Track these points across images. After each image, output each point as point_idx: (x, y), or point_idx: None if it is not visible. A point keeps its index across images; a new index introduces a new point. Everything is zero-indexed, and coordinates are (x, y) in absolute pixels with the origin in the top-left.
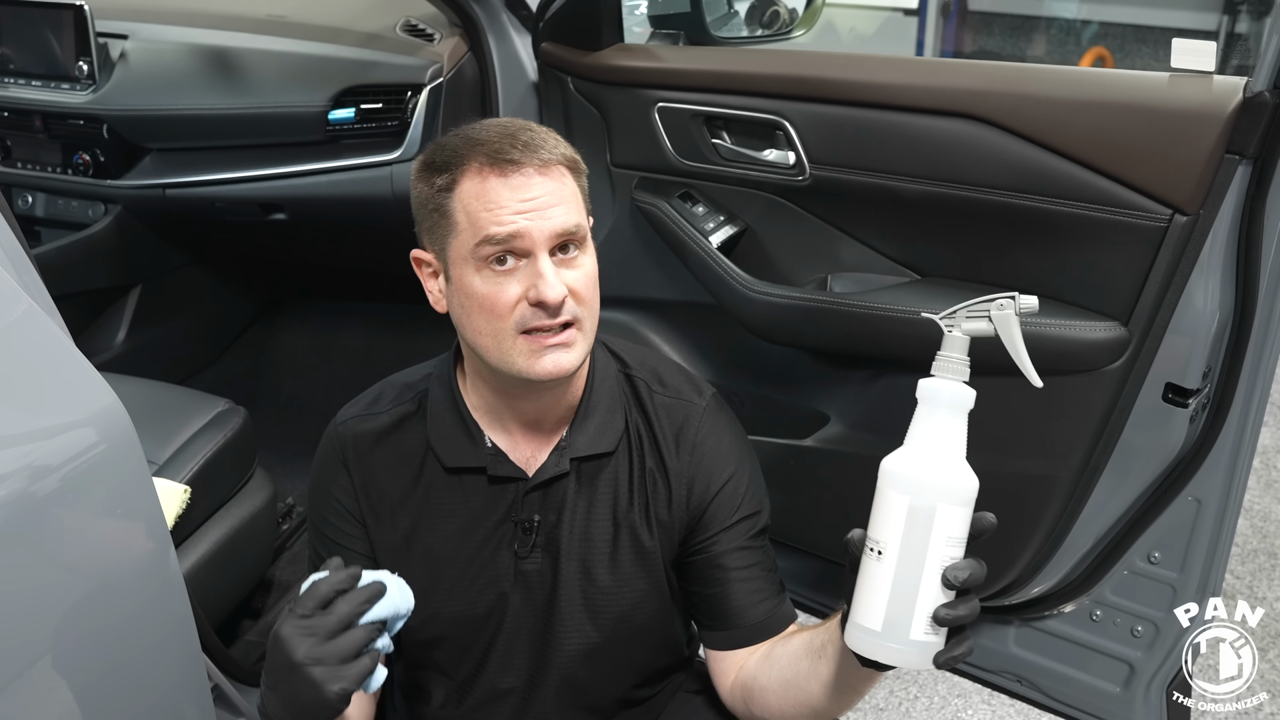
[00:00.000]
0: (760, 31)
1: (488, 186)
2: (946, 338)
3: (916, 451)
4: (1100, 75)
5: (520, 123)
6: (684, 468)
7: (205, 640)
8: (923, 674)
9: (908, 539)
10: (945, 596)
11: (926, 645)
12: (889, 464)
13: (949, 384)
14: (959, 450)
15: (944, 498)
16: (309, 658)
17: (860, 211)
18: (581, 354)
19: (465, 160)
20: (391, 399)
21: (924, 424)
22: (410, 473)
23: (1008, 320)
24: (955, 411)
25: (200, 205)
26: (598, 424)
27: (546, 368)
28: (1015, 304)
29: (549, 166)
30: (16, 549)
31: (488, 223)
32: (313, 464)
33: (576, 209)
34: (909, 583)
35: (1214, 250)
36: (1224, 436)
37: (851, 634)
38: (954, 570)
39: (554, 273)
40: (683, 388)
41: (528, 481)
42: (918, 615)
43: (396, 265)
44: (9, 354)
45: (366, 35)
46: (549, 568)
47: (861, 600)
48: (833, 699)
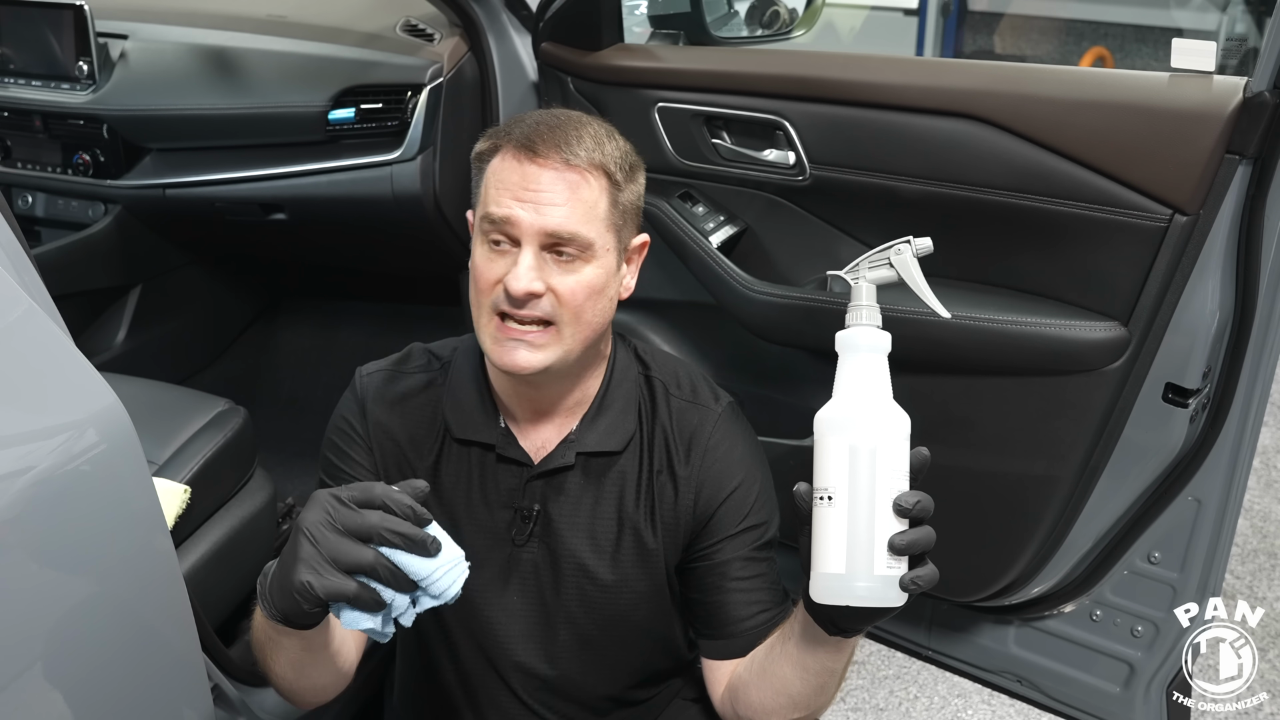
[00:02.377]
0: (760, 31)
1: (505, 166)
2: (854, 288)
3: (847, 397)
4: (1100, 75)
5: (576, 118)
6: (694, 473)
7: (205, 640)
8: (923, 674)
9: (854, 478)
10: (900, 526)
11: (889, 578)
12: (824, 414)
13: (864, 330)
14: (886, 390)
15: (881, 433)
16: (310, 532)
17: (860, 211)
18: (549, 358)
19: (506, 137)
20: (419, 363)
21: (849, 371)
22: (426, 437)
23: (907, 263)
24: (875, 354)
25: (200, 205)
26: (609, 422)
27: (504, 358)
28: (911, 247)
29: (571, 167)
30: (16, 549)
31: (491, 201)
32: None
33: (585, 216)
34: (864, 519)
35: (1214, 250)
36: (1224, 436)
37: (817, 586)
38: (904, 498)
39: (530, 267)
40: (700, 392)
41: (532, 468)
42: (877, 549)
43: (396, 265)
44: (9, 354)
45: (366, 35)
46: (545, 558)
47: (821, 548)
48: (806, 681)
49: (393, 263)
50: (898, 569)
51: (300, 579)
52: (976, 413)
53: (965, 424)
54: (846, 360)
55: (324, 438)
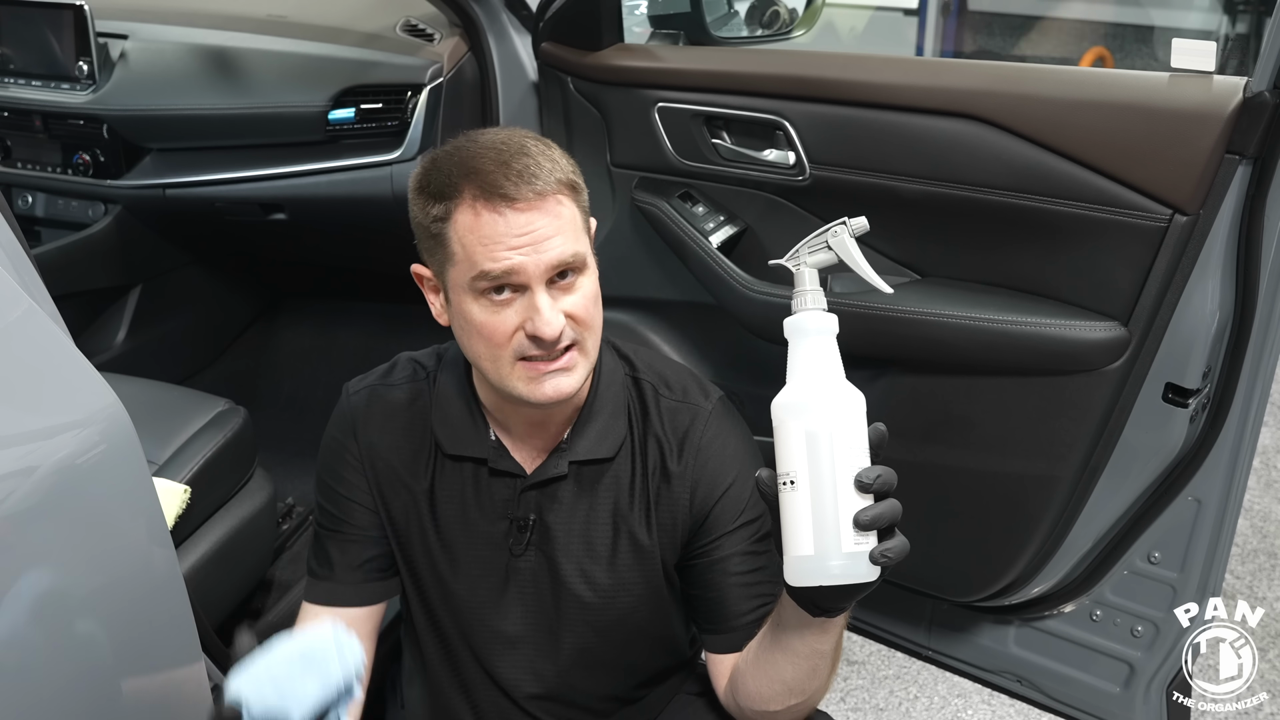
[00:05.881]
0: (760, 31)
1: (481, 221)
2: (797, 274)
3: (800, 381)
4: (1100, 75)
5: (516, 144)
6: (688, 472)
7: (205, 640)
8: (923, 674)
9: (814, 460)
10: (864, 502)
11: (859, 555)
12: (780, 400)
13: (811, 314)
14: (838, 371)
15: (837, 414)
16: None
17: (860, 211)
18: (583, 375)
19: (460, 190)
20: (405, 374)
21: (800, 356)
22: (419, 455)
23: (845, 244)
24: (824, 336)
25: (200, 205)
26: (599, 429)
27: (547, 393)
28: (848, 228)
29: (545, 198)
30: (16, 549)
31: (483, 258)
32: (325, 433)
33: (574, 236)
34: (828, 500)
35: (1214, 250)
36: (1224, 436)
37: (790, 569)
38: (865, 474)
39: (550, 306)
40: (690, 391)
41: (525, 479)
42: (844, 527)
43: (396, 265)
44: (9, 354)
45: (366, 35)
46: (544, 567)
47: (790, 533)
48: (797, 665)
49: (393, 263)
50: (866, 544)
51: None
52: (976, 413)
53: (965, 424)
54: (797, 345)
55: (319, 458)
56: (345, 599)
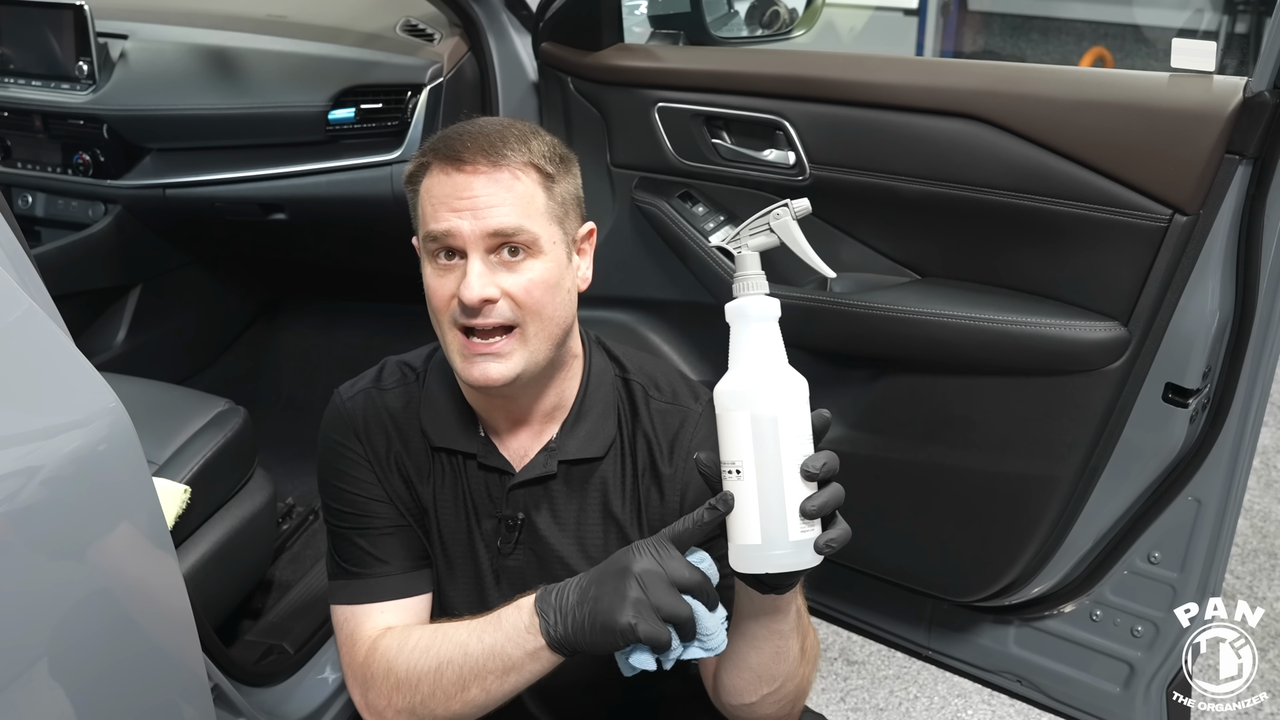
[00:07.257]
0: (760, 31)
1: (435, 182)
2: (739, 258)
3: (743, 368)
4: (1100, 75)
5: (497, 122)
6: (679, 474)
7: (205, 640)
8: (923, 674)
9: (759, 449)
10: (809, 490)
11: (804, 542)
12: (722, 387)
13: (753, 299)
14: (781, 357)
15: (781, 400)
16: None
17: (860, 211)
18: (518, 365)
19: (430, 155)
20: (395, 378)
21: (742, 341)
22: (418, 452)
23: (787, 226)
24: (766, 321)
25: (200, 205)
26: (589, 429)
27: (474, 375)
28: (790, 210)
29: (499, 168)
30: (16, 549)
31: (429, 218)
32: (319, 440)
33: (524, 211)
34: (773, 488)
35: (1214, 250)
36: (1224, 436)
37: (736, 557)
38: (810, 462)
39: (480, 273)
40: (679, 393)
41: (514, 477)
42: (790, 516)
43: (396, 265)
44: (9, 354)
45: (366, 35)
46: (534, 566)
47: (736, 522)
48: (759, 649)
49: (393, 263)
50: (812, 531)
51: (626, 620)
52: (977, 413)
53: (965, 424)
54: (739, 331)
55: (319, 465)
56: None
